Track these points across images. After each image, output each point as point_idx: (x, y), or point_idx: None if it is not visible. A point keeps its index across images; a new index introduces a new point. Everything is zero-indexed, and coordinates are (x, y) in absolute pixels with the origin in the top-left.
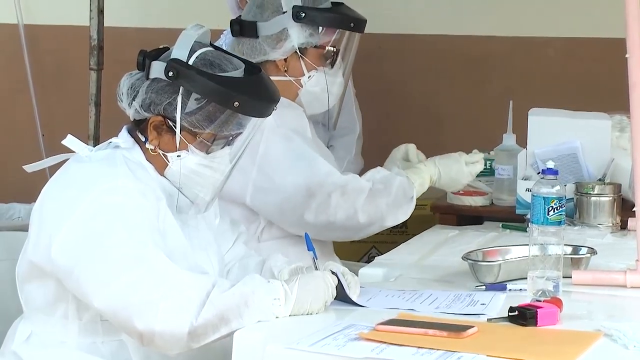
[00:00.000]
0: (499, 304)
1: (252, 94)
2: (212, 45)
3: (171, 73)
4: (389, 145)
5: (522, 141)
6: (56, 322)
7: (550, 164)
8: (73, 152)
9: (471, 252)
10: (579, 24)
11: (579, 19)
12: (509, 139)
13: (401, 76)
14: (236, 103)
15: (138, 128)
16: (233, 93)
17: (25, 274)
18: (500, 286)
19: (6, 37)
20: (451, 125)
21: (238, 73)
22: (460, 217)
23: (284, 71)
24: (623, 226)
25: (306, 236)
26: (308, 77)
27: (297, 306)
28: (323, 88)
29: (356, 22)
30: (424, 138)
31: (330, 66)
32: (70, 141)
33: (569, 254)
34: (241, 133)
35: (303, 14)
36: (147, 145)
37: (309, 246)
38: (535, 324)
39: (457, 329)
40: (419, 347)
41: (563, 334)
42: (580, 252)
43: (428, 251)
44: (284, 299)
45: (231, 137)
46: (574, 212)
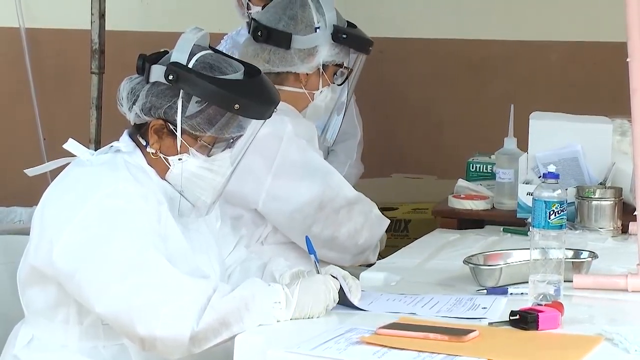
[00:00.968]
0: (500, 308)
1: (253, 96)
2: (211, 48)
3: (171, 76)
4: (390, 149)
5: (523, 145)
6: (57, 326)
7: (551, 168)
8: (74, 156)
9: (472, 256)
10: (580, 28)
11: (580, 23)
12: (510, 143)
13: (402, 80)
14: (237, 105)
15: (139, 132)
16: (233, 95)
17: (26, 278)
18: (501, 290)
19: (8, 41)
20: (452, 129)
21: (238, 75)
22: (461, 221)
23: (304, 84)
24: (624, 230)
25: (307, 239)
26: (320, 92)
27: (298, 310)
28: (328, 103)
29: (371, 45)
30: (425, 142)
31: (339, 83)
32: (71, 145)
33: (570, 258)
34: (242, 135)
35: (344, 36)
36: (148, 149)
37: (310, 249)
38: (536, 328)
39: (459, 333)
40: (420, 351)
41: (564, 338)
42: (581, 256)
43: (429, 255)
44: (285, 303)
45: (232, 140)
46: (575, 216)
